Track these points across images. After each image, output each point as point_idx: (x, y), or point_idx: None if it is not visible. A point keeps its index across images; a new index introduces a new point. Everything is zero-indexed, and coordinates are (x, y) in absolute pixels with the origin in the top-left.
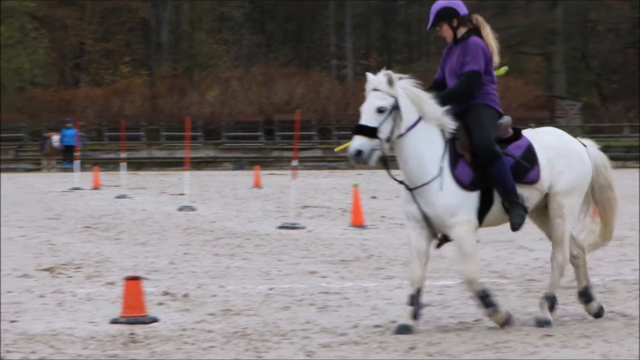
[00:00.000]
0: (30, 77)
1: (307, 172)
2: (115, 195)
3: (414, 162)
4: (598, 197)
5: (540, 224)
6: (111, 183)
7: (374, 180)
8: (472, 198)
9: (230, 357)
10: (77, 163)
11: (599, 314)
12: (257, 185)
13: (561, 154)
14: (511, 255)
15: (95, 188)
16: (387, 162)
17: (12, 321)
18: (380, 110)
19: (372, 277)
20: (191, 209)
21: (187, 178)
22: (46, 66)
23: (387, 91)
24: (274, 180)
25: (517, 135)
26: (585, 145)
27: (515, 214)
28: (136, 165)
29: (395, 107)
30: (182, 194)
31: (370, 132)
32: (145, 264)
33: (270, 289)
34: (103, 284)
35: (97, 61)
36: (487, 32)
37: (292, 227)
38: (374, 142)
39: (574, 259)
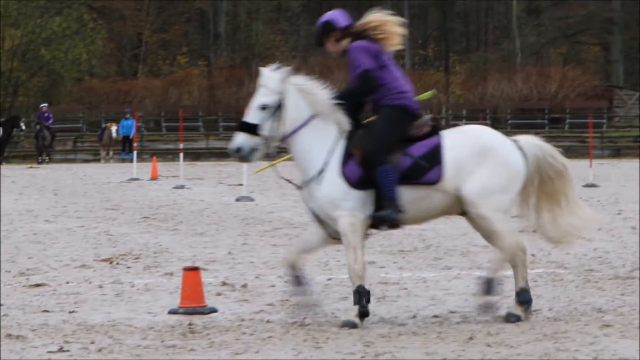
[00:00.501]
0: (88, 67)
1: None
2: (173, 185)
3: (303, 159)
4: (549, 190)
5: (475, 227)
6: (169, 174)
7: None
8: (360, 195)
9: (288, 347)
10: (135, 154)
11: (510, 317)
12: None
13: (473, 153)
14: (569, 246)
15: (154, 179)
16: (274, 160)
17: (71, 312)
18: (263, 108)
19: (431, 267)
20: (249, 199)
21: (244, 168)
22: (104, 57)
23: (273, 88)
24: None
25: (433, 133)
26: (516, 141)
27: (384, 212)
28: (194, 155)
29: (280, 105)
30: (240, 185)
31: (251, 129)
32: (204, 255)
33: (329, 279)
34: (161, 275)
35: (155, 52)
36: (370, 25)
37: None
38: (255, 140)
39: (491, 263)
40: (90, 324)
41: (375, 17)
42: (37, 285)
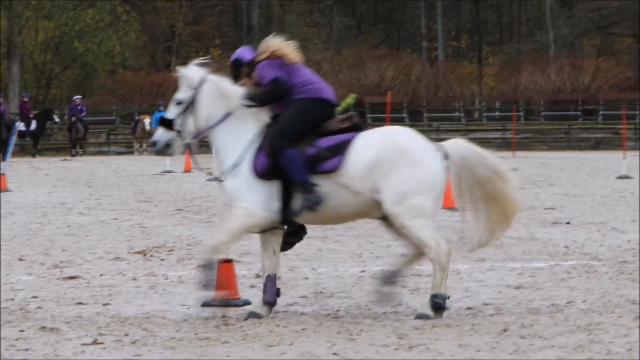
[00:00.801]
0: (121, 60)
1: None
2: (207, 178)
3: (221, 154)
4: (482, 193)
5: (396, 234)
6: (203, 166)
7: None
8: (265, 188)
9: (322, 339)
10: None
11: (420, 316)
12: None
13: (388, 155)
14: (603, 237)
15: (187, 171)
16: (194, 154)
17: (105, 304)
18: (178, 103)
19: (464, 259)
20: None
21: None
22: (137, 49)
23: (189, 85)
24: None
25: (351, 130)
26: (440, 144)
27: (305, 198)
28: None
29: (195, 101)
30: None
31: (167, 123)
32: (237, 247)
33: (362, 271)
34: (195, 267)
35: (188, 44)
36: (267, 51)
37: None
38: (170, 134)
39: (403, 257)
40: (124, 316)
41: (269, 43)
42: (71, 277)
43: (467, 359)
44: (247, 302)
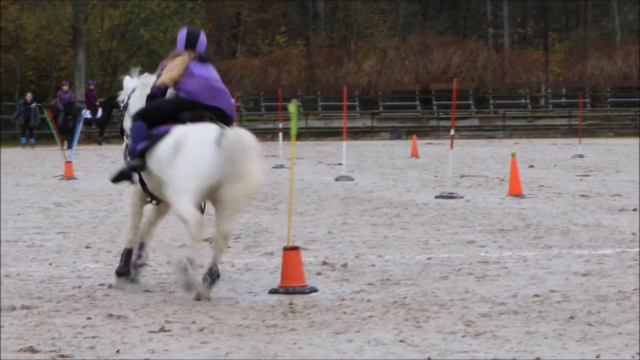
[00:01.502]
0: None
1: (464, 142)
2: (273, 165)
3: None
4: (227, 189)
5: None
6: (268, 153)
7: (532, 149)
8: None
9: (389, 326)
10: None
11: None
12: (415, 154)
13: (172, 145)
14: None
15: None
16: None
17: (172, 291)
18: (119, 106)
19: (531, 246)
20: (349, 178)
21: (344, 148)
22: None
23: (125, 88)
24: (432, 149)
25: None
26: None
27: (128, 162)
28: None
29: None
30: (340, 164)
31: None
32: (304, 234)
33: (429, 258)
34: (261, 254)
35: (254, 31)
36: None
37: (450, 196)
38: None
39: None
40: (191, 303)
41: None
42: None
43: (534, 345)
44: (314, 290)
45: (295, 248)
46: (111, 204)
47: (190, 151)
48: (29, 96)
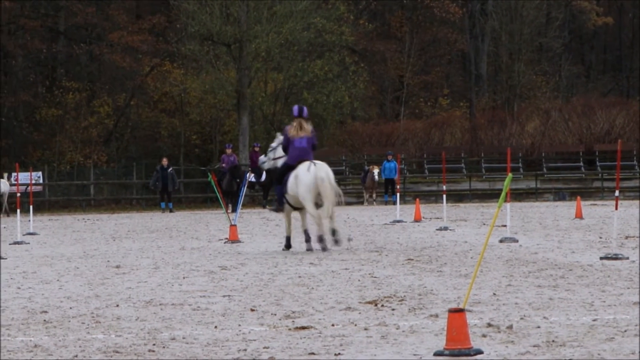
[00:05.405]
0: (350, 110)
1: (629, 202)
2: (437, 227)
3: None
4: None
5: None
6: (432, 215)
7: None
8: None
9: None
10: (398, 196)
11: None
12: (579, 216)
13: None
14: None
15: (417, 220)
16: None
17: (337, 354)
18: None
19: None
20: (513, 240)
21: (508, 209)
22: (366, 99)
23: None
24: (596, 210)
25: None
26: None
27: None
28: (457, 197)
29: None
30: (504, 226)
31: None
32: (470, 297)
33: (594, 319)
34: (426, 317)
35: (417, 94)
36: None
37: (615, 257)
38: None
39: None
40: None
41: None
42: (303, 327)
43: None
44: (479, 352)
45: (461, 310)
46: (276, 267)
47: (300, 178)
48: (164, 161)
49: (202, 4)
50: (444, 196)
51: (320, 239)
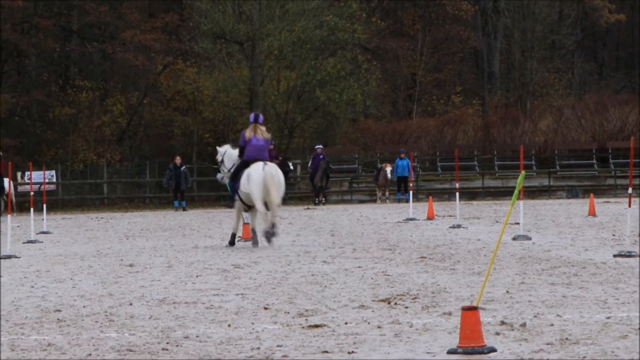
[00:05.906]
0: (362, 108)
1: None
2: (450, 225)
3: None
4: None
5: None
6: (445, 213)
7: None
8: None
9: None
10: (411, 194)
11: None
12: (592, 213)
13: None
14: None
15: (430, 218)
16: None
17: (351, 352)
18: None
19: None
20: (526, 237)
21: (521, 207)
22: (379, 97)
23: (219, 153)
24: (609, 208)
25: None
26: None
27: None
28: (470, 195)
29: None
30: (517, 223)
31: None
32: (483, 294)
33: (608, 317)
34: (439, 314)
35: (429, 91)
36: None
37: (629, 255)
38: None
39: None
40: None
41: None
42: (316, 326)
43: None
44: (493, 350)
45: (474, 308)
46: (289, 265)
47: (252, 176)
48: (177, 160)
49: (214, 2)
50: (457, 194)
51: (266, 234)
